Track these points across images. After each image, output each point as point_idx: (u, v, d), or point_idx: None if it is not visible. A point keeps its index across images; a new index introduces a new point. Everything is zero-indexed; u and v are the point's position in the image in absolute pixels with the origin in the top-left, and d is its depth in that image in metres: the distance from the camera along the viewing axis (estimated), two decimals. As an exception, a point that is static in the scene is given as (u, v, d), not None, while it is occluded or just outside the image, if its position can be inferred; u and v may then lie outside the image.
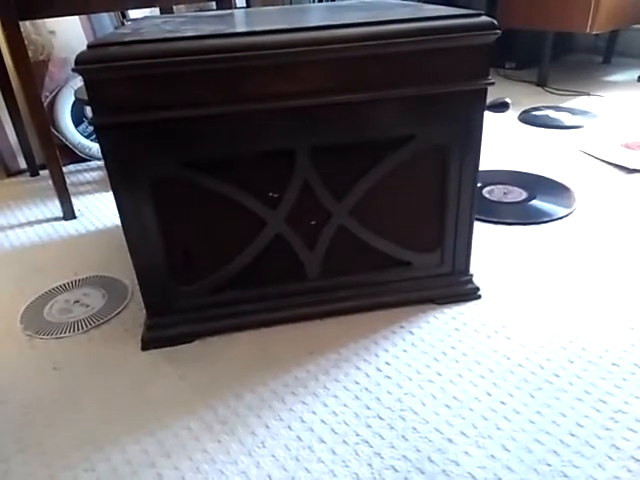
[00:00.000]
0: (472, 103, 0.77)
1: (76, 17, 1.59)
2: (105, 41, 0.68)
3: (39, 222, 1.31)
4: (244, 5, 1.95)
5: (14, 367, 0.84)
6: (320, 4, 1.10)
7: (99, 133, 0.71)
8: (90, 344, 0.88)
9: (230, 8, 1.30)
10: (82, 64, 0.65)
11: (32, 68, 1.16)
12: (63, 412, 0.74)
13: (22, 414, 0.75)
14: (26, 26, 1.51)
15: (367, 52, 0.70)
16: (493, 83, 0.76)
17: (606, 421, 0.68)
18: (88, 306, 0.97)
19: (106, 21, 1.69)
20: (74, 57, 0.66)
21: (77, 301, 0.99)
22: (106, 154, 0.72)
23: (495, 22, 0.72)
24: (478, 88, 0.76)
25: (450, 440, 0.66)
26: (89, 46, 0.67)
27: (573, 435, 0.66)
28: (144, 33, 0.73)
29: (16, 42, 1.12)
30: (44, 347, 0.88)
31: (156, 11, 1.66)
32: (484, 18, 0.73)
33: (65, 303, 0.99)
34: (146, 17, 1.02)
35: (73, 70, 0.65)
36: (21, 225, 1.30)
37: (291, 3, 2.43)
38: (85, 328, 0.91)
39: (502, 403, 0.71)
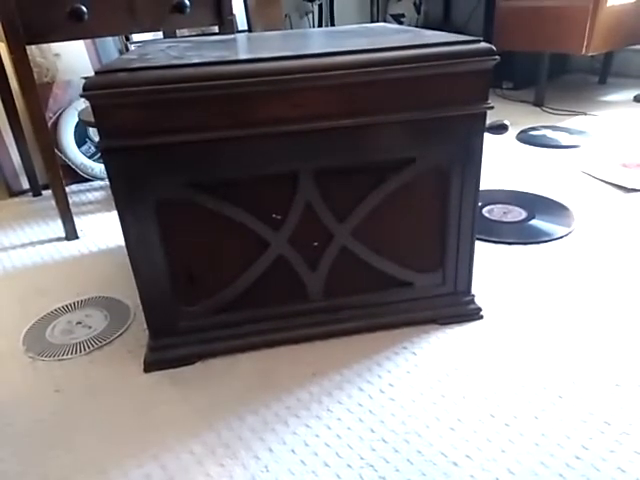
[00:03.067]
0: (472, 126, 0.79)
1: (81, 40, 1.62)
2: (112, 67, 0.70)
3: (41, 242, 1.32)
4: (245, 28, 1.99)
5: (16, 389, 0.83)
6: (320, 29, 1.13)
7: (106, 156, 0.72)
8: (92, 366, 0.88)
9: (232, 32, 1.32)
10: (90, 90, 0.66)
11: (37, 90, 1.18)
12: (65, 434, 0.74)
13: (24, 436, 0.74)
14: (32, 49, 1.53)
15: (369, 78, 0.71)
16: (492, 107, 0.77)
17: (611, 443, 0.67)
18: (90, 327, 0.97)
19: (110, 44, 1.71)
20: (78, 79, 0.67)
21: (79, 322, 0.99)
22: (112, 177, 0.73)
23: (494, 48, 0.74)
24: (477, 112, 0.77)
25: (455, 463, 0.66)
26: (97, 72, 0.69)
27: (578, 458, 0.66)
28: (150, 59, 0.75)
29: (23, 65, 1.14)
30: (46, 369, 0.87)
31: (159, 34, 1.69)
32: (483, 44, 0.74)
33: (67, 324, 0.99)
34: (151, 41, 1.04)
35: (81, 96, 0.66)
36: (23, 245, 1.31)
37: (291, 27, 2.47)
38: (87, 350, 0.91)
39: (506, 425, 0.71)
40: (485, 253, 1.12)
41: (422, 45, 0.73)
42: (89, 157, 1.66)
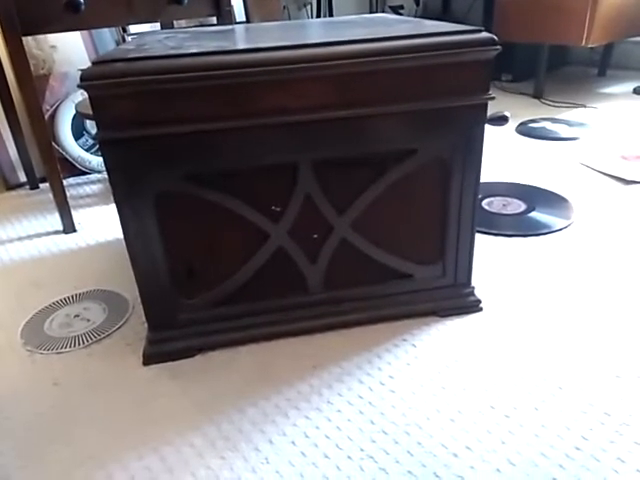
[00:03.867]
0: (473, 117, 0.78)
1: (77, 32, 1.60)
2: (110, 57, 0.69)
3: (39, 236, 1.31)
4: (243, 20, 1.97)
5: (15, 383, 0.83)
6: (319, 20, 1.12)
7: (103, 148, 0.71)
8: (91, 359, 0.87)
9: (230, 23, 1.31)
10: (87, 80, 0.65)
11: (34, 83, 1.17)
12: (64, 428, 0.74)
13: (23, 430, 0.74)
14: (28, 41, 1.51)
15: (370, 68, 0.71)
16: (493, 98, 0.77)
17: (611, 434, 0.67)
18: (89, 320, 0.97)
19: (107, 35, 1.70)
20: (75, 71, 0.67)
21: (77, 315, 0.99)
22: (110, 169, 0.72)
23: (495, 38, 0.73)
24: (479, 103, 0.77)
25: (455, 455, 0.66)
26: (94, 62, 0.68)
27: (578, 449, 0.66)
28: (148, 49, 0.74)
29: (19, 57, 1.12)
30: (45, 362, 0.87)
31: (156, 25, 1.68)
32: (484, 34, 0.74)
33: (65, 317, 0.98)
34: (149, 32, 1.03)
35: (78, 86, 0.66)
36: (21, 239, 1.30)
37: (289, 18, 2.45)
38: (86, 343, 0.91)
39: (506, 416, 0.71)
40: (485, 245, 1.12)
41: (423, 35, 0.73)
42: (86, 150, 1.65)
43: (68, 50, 1.60)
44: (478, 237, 0.91)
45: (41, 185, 1.59)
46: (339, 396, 0.76)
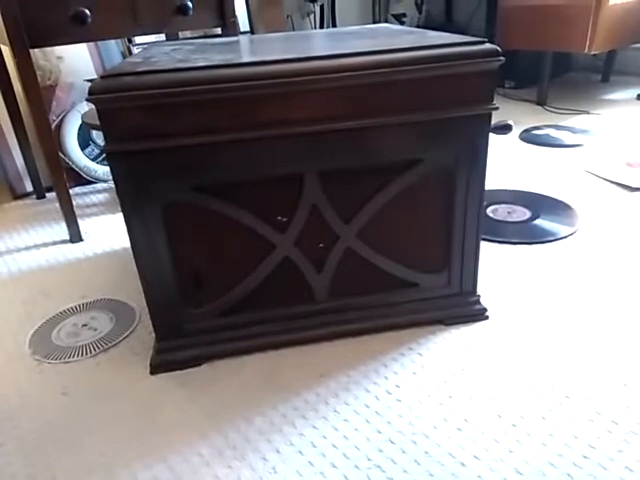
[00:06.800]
0: (477, 127, 0.79)
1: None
2: (118, 71, 0.70)
3: (46, 245, 1.32)
4: (247, 30, 1.99)
5: (23, 392, 0.83)
6: (324, 30, 1.13)
7: (111, 160, 0.72)
8: (98, 368, 0.88)
9: (235, 34, 1.32)
10: (96, 94, 0.66)
11: (41, 94, 1.18)
12: (73, 437, 0.74)
13: (32, 438, 0.74)
14: (34, 52, 1.53)
15: (375, 80, 0.72)
16: (497, 108, 0.77)
17: (619, 442, 0.67)
18: (96, 330, 0.97)
19: (112, 46, 1.72)
20: (81, 82, 0.67)
21: (85, 325, 0.99)
22: (118, 180, 0.73)
23: (499, 49, 0.74)
24: (483, 113, 0.77)
25: (463, 464, 0.66)
26: (102, 76, 0.69)
27: (586, 457, 0.66)
28: (155, 62, 0.75)
29: (26, 69, 1.14)
30: (53, 372, 0.88)
31: (161, 36, 1.69)
32: (488, 45, 0.74)
33: (73, 327, 0.99)
34: (155, 44, 1.04)
35: (87, 100, 0.66)
36: (28, 248, 1.31)
37: (293, 27, 2.47)
38: (93, 352, 0.91)
39: (513, 425, 0.71)
40: (490, 253, 1.12)
41: (427, 46, 0.73)
42: (92, 159, 1.66)
43: (74, 61, 1.62)
44: (483, 245, 0.92)
45: (47, 194, 1.60)
46: (346, 405, 0.76)
